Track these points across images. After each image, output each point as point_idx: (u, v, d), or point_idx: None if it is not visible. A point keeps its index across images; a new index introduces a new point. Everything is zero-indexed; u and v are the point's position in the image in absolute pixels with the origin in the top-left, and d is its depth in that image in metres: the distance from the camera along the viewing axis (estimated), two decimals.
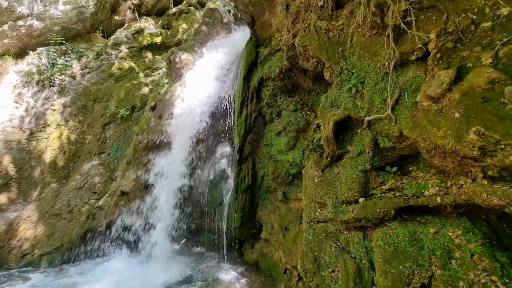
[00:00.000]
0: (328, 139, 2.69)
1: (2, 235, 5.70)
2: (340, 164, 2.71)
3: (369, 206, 2.27)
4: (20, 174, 6.20)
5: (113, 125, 6.78)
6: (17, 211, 5.99)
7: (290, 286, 3.79)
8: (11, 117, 6.32)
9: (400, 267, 1.94)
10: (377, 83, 2.44)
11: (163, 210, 5.95)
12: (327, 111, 2.82)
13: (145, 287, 4.27)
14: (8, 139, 6.20)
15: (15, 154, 6.23)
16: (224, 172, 6.05)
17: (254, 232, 5.47)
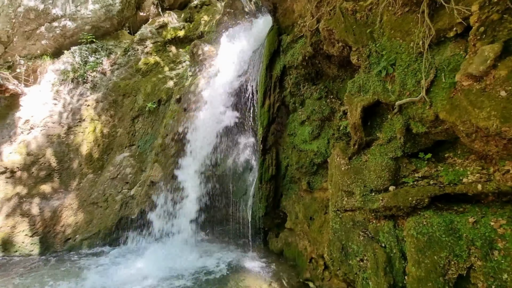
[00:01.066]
0: (356, 125, 2.59)
1: (48, 221, 6.25)
2: (369, 152, 2.61)
3: (401, 194, 2.17)
4: (61, 166, 6.71)
5: (141, 118, 7.06)
6: (59, 199, 6.51)
7: (316, 275, 3.78)
8: (50, 113, 6.81)
9: (435, 257, 1.85)
10: (410, 65, 2.29)
11: (189, 200, 6.16)
12: (354, 96, 2.71)
13: (173, 272, 4.47)
14: (49, 134, 6.71)
15: (55, 147, 6.73)
16: (248, 163, 6.10)
17: (278, 222, 5.50)
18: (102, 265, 5.04)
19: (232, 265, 4.76)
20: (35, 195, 6.35)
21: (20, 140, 6.52)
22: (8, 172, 6.30)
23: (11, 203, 6.16)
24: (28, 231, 6.12)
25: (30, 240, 6.13)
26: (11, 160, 6.34)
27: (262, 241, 5.73)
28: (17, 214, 6.14)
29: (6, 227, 6.02)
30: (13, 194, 6.23)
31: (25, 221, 6.13)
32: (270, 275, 4.34)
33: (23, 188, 6.32)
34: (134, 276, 4.36)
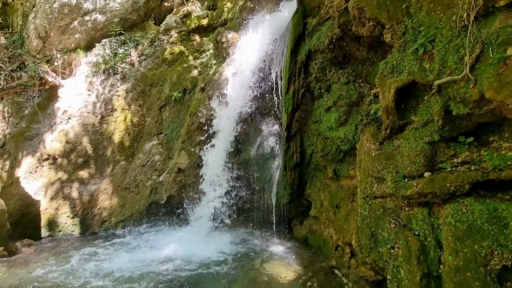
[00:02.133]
0: (388, 109, 2.45)
1: (86, 204, 6.73)
2: (402, 136, 2.47)
3: (438, 180, 2.04)
4: (96, 153, 7.14)
5: (168, 107, 7.27)
6: (96, 184, 6.97)
7: (342, 262, 3.74)
8: (85, 103, 7.22)
9: (475, 246, 1.73)
10: (451, 40, 2.10)
11: (214, 186, 6.29)
12: (386, 78, 2.55)
13: (198, 254, 4.63)
14: (85, 123, 7.14)
15: (91, 136, 7.16)
16: (272, 150, 6.08)
17: (302, 210, 5.47)
18: (133, 246, 5.37)
19: (257, 250, 4.84)
20: (74, 180, 6.85)
21: (59, 129, 7.00)
22: (50, 159, 6.83)
23: (54, 187, 6.70)
24: (70, 213, 6.64)
25: (71, 221, 6.66)
26: (53, 147, 6.85)
27: (286, 228, 5.75)
28: (59, 197, 6.67)
29: (51, 209, 6.58)
30: (56, 179, 6.76)
31: (66, 204, 6.65)
32: (294, 261, 4.37)
33: (63, 174, 6.83)
34: (161, 257, 4.59)
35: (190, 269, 4.15)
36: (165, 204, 6.64)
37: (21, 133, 6.75)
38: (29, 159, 6.69)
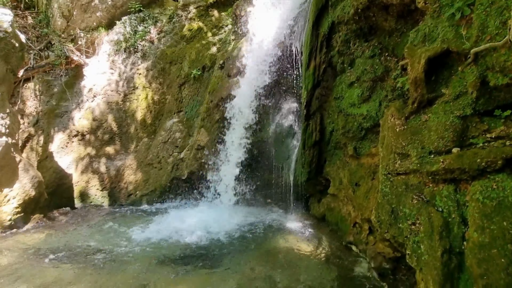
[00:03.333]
0: (417, 80, 2.31)
1: (113, 178, 7.13)
2: (430, 110, 2.34)
3: (467, 156, 1.94)
4: (120, 130, 7.43)
5: (187, 85, 7.31)
6: (121, 160, 7.32)
7: (359, 239, 3.76)
8: (108, 81, 7.43)
9: (504, 223, 1.66)
10: (494, 2, 1.89)
11: (232, 164, 6.41)
12: (417, 47, 2.38)
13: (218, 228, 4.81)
14: (109, 101, 7.39)
15: (115, 114, 7.43)
16: (291, 128, 6.02)
17: (320, 188, 5.47)
18: (157, 217, 5.67)
19: (274, 226, 4.96)
20: (102, 156, 7.23)
21: (86, 107, 7.32)
22: (79, 135, 7.21)
23: (84, 161, 7.12)
24: (99, 186, 7.09)
25: (100, 193, 7.12)
26: (81, 124, 7.21)
27: (304, 206, 5.81)
28: (89, 171, 7.11)
29: (82, 182, 7.05)
30: (85, 154, 7.17)
31: (95, 177, 7.08)
32: (311, 237, 4.44)
33: (92, 149, 7.22)
34: (184, 228, 4.82)
35: (211, 239, 4.36)
36: (186, 179, 6.88)
37: (52, 111, 7.13)
38: (60, 135, 7.11)
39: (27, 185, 5.26)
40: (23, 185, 5.21)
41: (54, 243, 4.31)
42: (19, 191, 5.14)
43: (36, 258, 3.73)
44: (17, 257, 3.74)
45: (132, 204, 6.94)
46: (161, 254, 3.84)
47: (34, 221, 5.29)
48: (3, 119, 5.01)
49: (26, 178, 5.30)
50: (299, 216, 5.41)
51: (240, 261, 3.57)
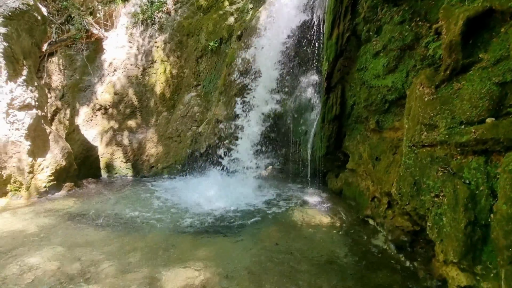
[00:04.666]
0: (452, 45, 2.12)
1: (136, 151, 7.41)
2: (464, 78, 2.16)
3: (503, 125, 1.81)
4: (141, 104, 7.59)
5: (204, 58, 7.23)
6: (143, 133, 7.55)
7: (377, 213, 3.74)
8: (128, 55, 7.48)
9: None
10: None
11: (250, 138, 6.43)
12: (455, 7, 2.16)
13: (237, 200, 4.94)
14: (129, 75, 7.49)
15: (135, 88, 7.55)
16: (310, 102, 5.88)
17: (338, 164, 5.41)
18: (178, 188, 5.91)
19: (291, 199, 5.03)
20: (124, 129, 7.48)
21: (108, 81, 7.47)
22: (102, 109, 7.45)
23: (108, 134, 7.42)
24: (123, 158, 7.41)
25: (124, 165, 7.46)
26: (103, 98, 7.42)
27: (321, 181, 5.81)
28: (113, 144, 7.42)
29: (107, 154, 7.39)
30: (109, 128, 7.45)
31: (119, 150, 7.40)
32: (328, 210, 4.48)
33: (115, 123, 7.48)
34: (202, 200, 4.99)
35: (229, 211, 4.51)
36: (205, 153, 7.03)
37: (76, 85, 7.36)
38: (85, 109, 7.39)
39: (58, 155, 5.60)
40: (54, 155, 5.55)
41: (84, 209, 4.64)
42: (51, 161, 5.49)
43: (68, 222, 4.06)
44: (52, 220, 4.08)
45: (154, 176, 7.25)
46: (181, 222, 4.04)
47: (66, 189, 5.68)
48: (32, 92, 5.24)
49: (57, 149, 5.62)
50: (316, 191, 5.44)
51: (259, 232, 3.68)
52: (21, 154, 5.18)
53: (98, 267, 2.76)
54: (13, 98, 5.04)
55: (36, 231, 3.68)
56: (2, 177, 5.17)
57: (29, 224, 3.91)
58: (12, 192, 5.26)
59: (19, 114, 5.12)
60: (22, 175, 5.24)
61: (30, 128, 5.18)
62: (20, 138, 5.14)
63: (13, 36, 4.92)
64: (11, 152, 5.15)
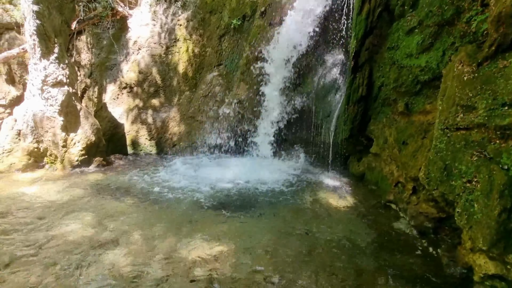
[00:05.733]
0: (502, 17, 1.91)
1: (159, 129, 7.63)
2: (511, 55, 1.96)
3: None
4: (164, 83, 7.71)
5: (227, 36, 7.11)
6: (166, 112, 7.72)
7: (400, 198, 3.64)
8: (151, 34, 7.52)
9: None
10: None
11: (271, 119, 6.38)
12: None
13: (257, 180, 4.99)
14: (152, 54, 7.57)
15: (158, 67, 7.65)
16: (334, 82, 5.67)
17: (361, 148, 5.26)
18: (199, 166, 6.07)
19: (311, 182, 5.00)
20: (148, 107, 7.68)
21: (132, 60, 7.61)
22: (128, 87, 7.66)
23: (133, 112, 7.67)
24: (147, 136, 7.68)
25: (149, 143, 7.73)
26: (129, 77, 7.60)
27: (342, 164, 5.71)
28: (138, 122, 7.67)
29: (133, 131, 7.68)
30: (134, 106, 7.68)
31: (144, 128, 7.65)
32: (348, 194, 4.43)
33: (139, 101, 7.68)
34: (223, 178, 5.09)
35: (248, 190, 4.59)
36: (225, 133, 7.09)
37: (103, 63, 7.57)
38: (111, 87, 7.63)
39: (88, 131, 5.90)
40: (85, 131, 5.85)
41: (112, 182, 4.92)
42: (82, 136, 5.80)
43: (98, 193, 4.33)
44: (84, 191, 4.37)
45: (176, 154, 7.47)
46: (202, 198, 4.17)
47: (95, 163, 6.02)
48: (63, 69, 5.47)
49: (87, 125, 5.91)
50: (336, 175, 5.37)
51: (276, 212, 3.73)
52: (56, 129, 5.51)
53: (126, 235, 2.95)
54: (46, 75, 5.30)
55: (70, 200, 3.97)
56: (40, 150, 5.56)
57: (64, 194, 4.23)
58: (48, 164, 5.67)
59: (52, 90, 5.39)
60: (56, 148, 5.60)
61: (62, 104, 5.46)
62: (54, 114, 5.44)
63: (45, 14, 5.09)
64: (46, 127, 5.50)
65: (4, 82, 6.95)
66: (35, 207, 3.67)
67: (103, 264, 2.42)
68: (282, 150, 6.49)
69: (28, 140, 5.43)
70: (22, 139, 5.49)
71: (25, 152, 5.44)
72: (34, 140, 5.47)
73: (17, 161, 5.43)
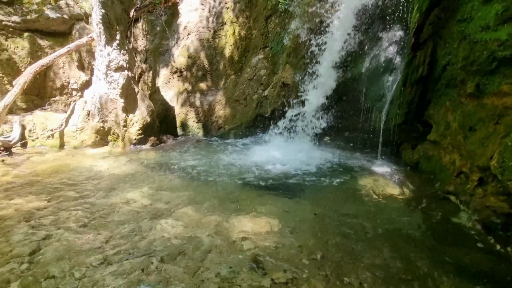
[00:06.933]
0: None
1: (206, 111, 7.96)
2: None
3: None
4: (211, 67, 7.94)
5: (274, 17, 6.95)
6: (212, 96, 7.99)
7: (463, 189, 3.28)
8: (200, 18, 7.72)
9: None
10: None
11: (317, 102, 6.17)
12: None
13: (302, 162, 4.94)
14: (201, 38, 7.80)
15: (206, 51, 7.87)
16: (389, 62, 5.22)
17: (416, 135, 4.82)
18: (243, 149, 6.22)
19: (356, 168, 4.79)
20: (196, 91, 8.03)
21: (182, 45, 7.95)
22: (178, 72, 8.07)
23: (183, 96, 8.09)
24: (195, 118, 8.08)
25: (196, 125, 8.14)
26: (179, 61, 7.99)
27: (393, 152, 5.33)
28: (187, 105, 8.10)
29: (182, 114, 8.15)
30: (183, 89, 8.09)
31: (192, 110, 8.05)
32: (399, 182, 4.14)
33: (188, 85, 8.06)
34: (265, 160, 5.14)
35: (292, 173, 4.58)
36: (269, 117, 7.11)
37: (156, 49, 8.06)
38: (163, 71, 8.12)
39: (144, 112, 6.42)
40: (142, 112, 6.38)
41: (165, 160, 5.33)
42: (139, 117, 6.34)
43: (153, 169, 4.74)
44: (141, 167, 4.82)
45: (221, 136, 7.75)
46: (245, 179, 4.29)
47: (150, 142, 6.57)
48: (123, 55, 5.97)
49: (143, 107, 6.44)
50: (386, 162, 5.04)
51: (319, 195, 3.68)
52: (118, 110, 6.12)
53: (179, 207, 3.21)
54: (110, 60, 5.85)
55: (130, 174, 4.43)
56: (105, 129, 6.25)
57: (125, 168, 4.73)
58: (111, 141, 6.36)
59: (115, 74, 5.95)
60: (118, 128, 6.23)
61: (123, 88, 6.01)
62: (116, 96, 6.03)
63: (108, 3, 5.55)
64: (110, 108, 6.13)
65: (76, 68, 7.87)
66: (103, 178, 4.18)
67: (160, 229, 2.68)
68: (327, 134, 6.28)
69: (95, 120, 6.13)
70: (91, 119, 6.22)
71: (93, 130, 6.16)
72: (100, 120, 6.15)
73: (87, 138, 6.20)
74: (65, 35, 7.81)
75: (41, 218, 2.86)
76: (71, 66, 7.82)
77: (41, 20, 7.34)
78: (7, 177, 4.09)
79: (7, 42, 7.13)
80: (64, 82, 7.84)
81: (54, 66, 7.55)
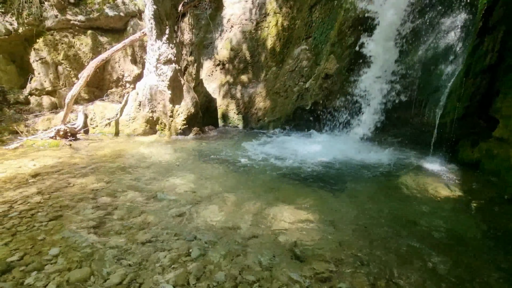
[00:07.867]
0: None
1: (247, 104, 8.06)
2: None
3: None
4: (253, 59, 7.98)
5: (319, 6, 6.70)
6: (253, 88, 8.05)
7: None
8: (243, 10, 7.77)
9: None
10: None
11: (363, 95, 5.85)
12: None
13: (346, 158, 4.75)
14: (243, 30, 7.86)
15: (248, 43, 7.92)
16: (449, 50, 4.72)
17: (477, 130, 4.31)
18: (283, 141, 6.19)
19: (403, 165, 4.47)
20: (237, 83, 8.16)
21: (225, 37, 8.10)
22: (221, 64, 8.27)
23: (224, 88, 8.29)
24: (235, 110, 8.24)
25: (236, 117, 8.30)
26: (221, 54, 8.17)
27: (449, 150, 4.84)
28: (228, 97, 8.28)
29: (223, 105, 8.37)
30: (225, 82, 8.28)
31: (233, 102, 8.22)
32: (454, 183, 3.76)
33: (230, 77, 8.23)
34: (311, 153, 5.05)
35: (329, 166, 4.45)
36: (310, 110, 6.95)
37: (201, 42, 8.34)
38: (207, 64, 8.39)
39: (189, 103, 6.74)
40: (187, 103, 6.70)
41: (207, 149, 5.56)
42: (184, 108, 6.67)
43: (196, 157, 4.97)
44: (185, 155, 5.08)
45: (261, 128, 7.81)
46: (284, 170, 4.27)
47: (193, 132, 6.88)
48: (172, 48, 6.29)
49: (188, 98, 6.75)
50: (439, 160, 4.62)
51: (361, 191, 3.51)
52: (165, 101, 6.51)
53: (221, 194, 3.34)
54: (160, 54, 6.21)
55: (175, 161, 4.71)
56: (153, 118, 6.70)
57: (171, 155, 5.03)
58: (159, 131, 6.80)
59: (163, 67, 6.31)
60: (165, 118, 6.64)
61: (171, 80, 6.36)
62: (164, 88, 6.40)
63: (160, 0, 5.87)
64: (159, 99, 6.54)
65: (129, 62, 8.54)
66: (152, 164, 4.51)
67: (203, 215, 2.82)
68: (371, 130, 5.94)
69: (146, 110, 6.61)
70: (141, 109, 6.72)
71: (144, 119, 6.65)
72: (150, 110, 6.61)
73: (138, 127, 6.72)
74: (121, 32, 8.49)
75: (102, 197, 3.20)
76: (125, 60, 8.51)
77: (101, 18, 8.07)
78: (74, 159, 4.65)
79: (74, 39, 7.99)
80: (119, 75, 8.57)
81: (111, 60, 8.28)
